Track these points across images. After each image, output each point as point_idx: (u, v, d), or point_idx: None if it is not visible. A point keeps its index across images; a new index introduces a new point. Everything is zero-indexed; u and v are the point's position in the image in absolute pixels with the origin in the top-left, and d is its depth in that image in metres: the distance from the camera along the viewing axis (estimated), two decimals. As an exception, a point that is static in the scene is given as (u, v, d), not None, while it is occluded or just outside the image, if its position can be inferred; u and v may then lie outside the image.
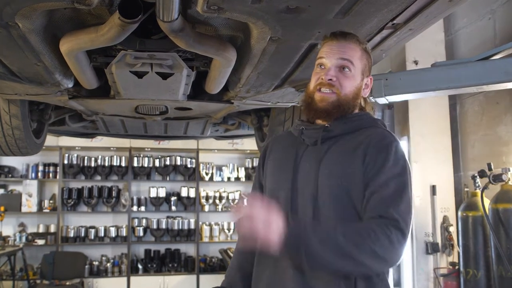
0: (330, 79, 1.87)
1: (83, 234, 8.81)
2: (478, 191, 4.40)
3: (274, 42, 2.29)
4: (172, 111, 3.80)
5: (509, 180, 4.14)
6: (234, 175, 9.64)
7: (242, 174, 9.66)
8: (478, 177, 4.42)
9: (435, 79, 2.83)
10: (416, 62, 5.57)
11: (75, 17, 2.30)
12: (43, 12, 2.07)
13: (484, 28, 5.07)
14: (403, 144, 5.35)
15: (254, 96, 3.35)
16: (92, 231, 8.84)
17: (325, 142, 1.91)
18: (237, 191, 9.61)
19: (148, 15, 2.06)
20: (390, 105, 5.84)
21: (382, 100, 2.98)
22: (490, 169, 4.14)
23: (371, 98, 2.10)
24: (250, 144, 8.96)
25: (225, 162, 9.73)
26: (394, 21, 2.10)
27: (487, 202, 4.19)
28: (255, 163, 9.67)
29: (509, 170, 4.12)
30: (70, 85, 3.07)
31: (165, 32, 2.15)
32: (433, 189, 5.70)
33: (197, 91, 3.43)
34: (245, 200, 2.11)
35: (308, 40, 2.30)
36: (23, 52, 2.42)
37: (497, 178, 4.05)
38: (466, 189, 5.30)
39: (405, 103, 5.56)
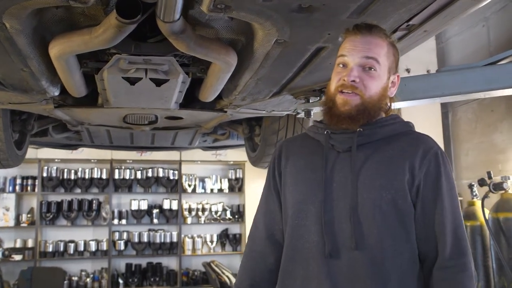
0: (353, 81, 1.67)
1: (62, 249, 8.63)
2: (476, 200, 4.33)
3: (279, 46, 2.14)
4: (162, 120, 3.64)
5: (509, 188, 4.05)
6: (217, 186, 9.55)
7: (225, 185, 9.58)
8: (475, 186, 4.33)
9: (442, 84, 2.72)
10: (408, 70, 5.52)
11: (67, 18, 2.13)
12: (33, 11, 1.90)
13: (477, 35, 5.03)
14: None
15: (249, 104, 3.21)
16: (72, 245, 8.65)
17: (359, 149, 1.71)
18: (220, 202, 9.52)
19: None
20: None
21: (386, 107, 2.86)
22: (490, 177, 4.05)
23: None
24: (234, 155, 8.90)
25: (208, 174, 9.61)
26: (410, 22, 1.96)
27: (486, 212, 4.10)
28: (239, 174, 9.60)
29: (509, 179, 4.03)
30: (57, 93, 2.89)
31: (164, 34, 2.00)
32: (426, 198, 5.59)
33: (189, 99, 3.24)
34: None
35: (316, 43, 2.16)
36: (9, 56, 2.24)
37: (498, 187, 3.95)
38: (460, 198, 5.22)
39: (396, 110, 5.49)
